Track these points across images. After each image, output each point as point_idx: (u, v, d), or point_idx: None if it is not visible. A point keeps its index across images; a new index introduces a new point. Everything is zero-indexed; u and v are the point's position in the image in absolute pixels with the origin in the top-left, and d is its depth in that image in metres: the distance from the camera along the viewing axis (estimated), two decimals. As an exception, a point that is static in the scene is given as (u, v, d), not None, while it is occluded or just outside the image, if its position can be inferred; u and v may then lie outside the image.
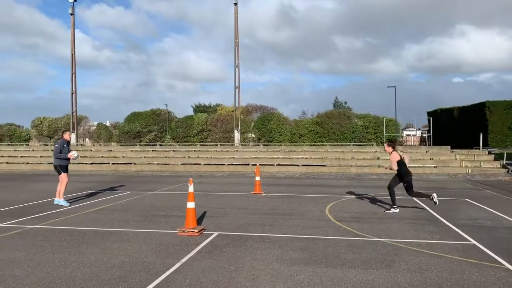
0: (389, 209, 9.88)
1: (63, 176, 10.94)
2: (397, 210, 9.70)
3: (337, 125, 33.37)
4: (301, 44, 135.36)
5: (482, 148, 25.28)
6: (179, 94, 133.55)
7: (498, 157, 22.81)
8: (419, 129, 50.25)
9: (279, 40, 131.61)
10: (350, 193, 13.32)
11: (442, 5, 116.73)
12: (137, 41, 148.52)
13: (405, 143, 38.16)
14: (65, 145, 10.96)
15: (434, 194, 9.75)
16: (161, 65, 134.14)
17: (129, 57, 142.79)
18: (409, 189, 9.91)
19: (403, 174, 9.86)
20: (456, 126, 39.40)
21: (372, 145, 29.66)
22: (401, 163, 9.84)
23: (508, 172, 20.01)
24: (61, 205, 10.64)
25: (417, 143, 39.01)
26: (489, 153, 24.09)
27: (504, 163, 21.51)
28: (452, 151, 24.31)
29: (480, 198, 12.13)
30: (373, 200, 11.71)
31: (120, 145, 33.73)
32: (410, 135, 44.87)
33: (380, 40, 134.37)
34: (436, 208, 10.19)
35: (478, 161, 22.30)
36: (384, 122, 32.32)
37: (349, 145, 29.19)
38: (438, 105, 51.49)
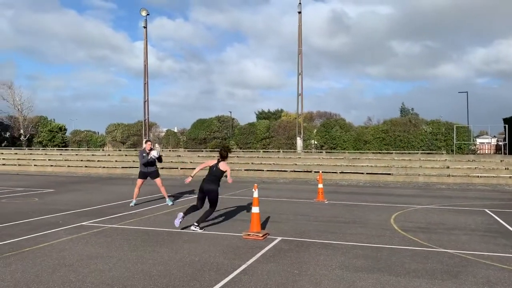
0: None
1: (138, 181, 11.95)
2: None
3: (404, 132, 32.35)
4: (356, 50, 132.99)
5: None
6: (239, 101, 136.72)
7: None
8: (494, 136, 47.20)
9: (334, 46, 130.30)
10: (417, 203, 12.97)
11: (506, 5, 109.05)
12: (197, 52, 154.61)
13: (478, 152, 36.05)
14: (144, 155, 11.83)
15: None
16: (220, 74, 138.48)
17: (190, 66, 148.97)
18: None
19: None
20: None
21: (442, 153, 28.39)
22: None
23: None
24: (131, 205, 11.71)
25: (492, 152, 36.69)
26: None
27: None
28: (530, 161, 22.70)
29: (561, 211, 11.30)
30: (441, 211, 11.34)
31: (188, 150, 35.15)
32: (484, 143, 42.26)
33: (441, 44, 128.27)
34: (509, 220, 9.68)
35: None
36: (455, 129, 30.82)
37: (417, 153, 28.18)
38: (515, 111, 48.08)
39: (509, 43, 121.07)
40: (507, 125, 32.84)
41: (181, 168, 25.92)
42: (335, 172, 23.22)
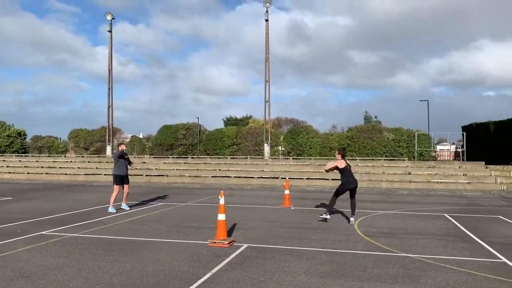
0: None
1: (115, 187, 11.71)
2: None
3: (367, 139, 33.10)
4: (317, 59, 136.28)
5: (519, 164, 24.49)
6: (205, 107, 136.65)
7: (536, 173, 22.08)
8: (453, 143, 49.08)
9: (295, 55, 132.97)
10: (380, 208, 13.26)
11: (457, 19, 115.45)
12: (160, 57, 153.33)
13: (438, 158, 37.34)
14: (120, 157, 11.63)
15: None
16: (184, 80, 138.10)
17: (153, 72, 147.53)
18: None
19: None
20: (492, 141, 38.29)
21: (404, 159, 29.23)
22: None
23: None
24: (109, 212, 11.43)
25: (451, 158, 38.11)
26: (527, 169, 23.33)
27: (543, 179, 20.81)
28: (486, 167, 23.69)
29: (514, 215, 11.84)
30: (403, 216, 11.64)
31: (153, 157, 34.62)
32: (444, 149, 43.84)
33: (397, 55, 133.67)
34: (466, 224, 10.06)
35: (514, 178, 21.67)
36: (416, 136, 31.82)
37: (380, 159, 28.88)
38: (469, 120, 50.24)
39: (461, 55, 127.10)
40: (465, 133, 34.24)
41: (146, 175, 25.48)
42: (302, 178, 23.45)
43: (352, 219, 10.30)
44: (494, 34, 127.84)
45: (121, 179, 11.89)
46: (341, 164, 10.35)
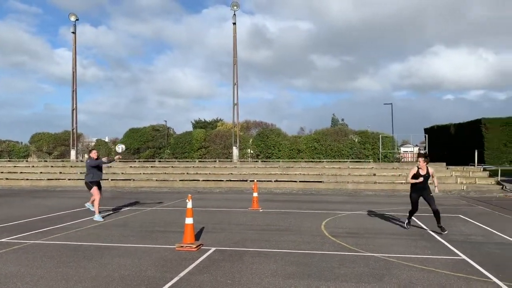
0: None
1: (95, 192, 11.25)
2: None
3: (334, 142, 33.67)
4: (280, 63, 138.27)
5: (477, 165, 25.53)
6: (172, 110, 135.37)
7: (493, 173, 23.06)
8: (417, 145, 50.63)
9: (259, 59, 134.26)
10: (346, 209, 13.51)
11: (414, 26, 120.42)
12: (122, 60, 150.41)
13: (402, 160, 38.41)
14: (94, 164, 11.24)
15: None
16: (149, 83, 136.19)
17: (116, 74, 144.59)
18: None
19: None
20: (453, 143, 39.76)
21: (369, 161, 29.89)
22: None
23: (502, 188, 20.24)
24: (96, 220, 10.96)
25: (414, 160, 39.26)
26: (484, 169, 24.35)
27: (499, 179, 21.75)
28: (447, 168, 24.55)
29: (473, 214, 12.33)
30: (369, 216, 11.91)
31: (120, 161, 33.90)
32: (407, 151, 45.17)
33: (358, 59, 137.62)
34: (429, 223, 10.40)
35: (473, 178, 22.55)
36: (381, 138, 32.63)
37: (346, 161, 29.43)
38: (431, 122, 51.99)
39: (419, 60, 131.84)
40: (427, 135, 35.38)
41: (112, 180, 24.95)
42: (270, 181, 23.58)
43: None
44: (448, 40, 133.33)
45: (98, 184, 11.45)
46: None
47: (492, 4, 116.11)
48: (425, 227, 10.07)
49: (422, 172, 9.45)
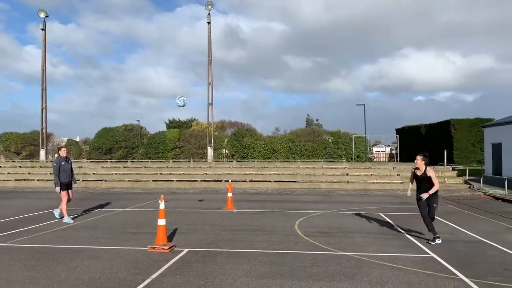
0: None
1: (62, 194, 10.85)
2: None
3: (308, 142, 33.98)
4: (254, 63, 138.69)
5: (447, 165, 26.23)
6: (144, 109, 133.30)
7: (462, 173, 23.74)
8: (388, 145, 51.64)
9: (232, 59, 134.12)
10: (320, 208, 13.64)
11: (383, 29, 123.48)
12: (93, 58, 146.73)
13: (374, 159, 39.10)
14: (63, 163, 10.85)
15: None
16: (120, 81, 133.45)
17: (87, 73, 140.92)
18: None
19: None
20: (423, 143, 40.73)
21: (342, 161, 30.29)
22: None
23: (470, 188, 20.86)
24: (65, 222, 10.61)
25: (386, 160, 40.07)
26: (453, 169, 25.03)
27: (467, 179, 22.40)
28: (418, 167, 25.14)
29: (442, 213, 12.64)
30: (341, 216, 12.06)
31: (91, 161, 33.23)
32: (379, 151, 46.03)
33: (331, 61, 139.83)
34: (399, 222, 10.62)
35: (442, 177, 23.13)
36: (353, 139, 33.14)
37: (320, 161, 29.73)
38: (403, 123, 53.16)
39: (389, 62, 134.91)
40: (398, 135, 36.12)
41: (83, 180, 24.40)
42: (245, 181, 23.56)
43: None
44: (417, 43, 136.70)
45: (66, 186, 11.05)
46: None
47: (459, 8, 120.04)
48: (395, 225, 10.27)
49: (419, 172, 8.40)
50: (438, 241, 8.10)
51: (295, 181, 23.32)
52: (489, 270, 6.27)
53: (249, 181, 23.61)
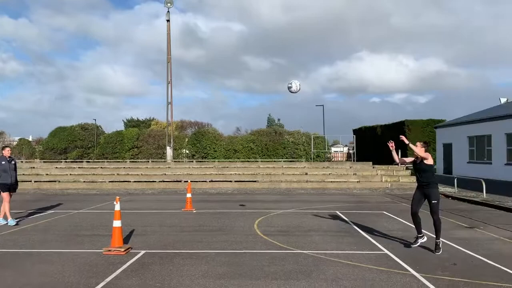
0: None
1: (3, 195, 10.30)
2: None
3: (269, 142, 34.22)
4: (213, 62, 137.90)
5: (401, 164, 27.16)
6: (101, 108, 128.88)
7: (415, 172, 24.69)
8: (346, 145, 52.85)
9: (191, 58, 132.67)
10: (279, 208, 13.77)
11: (339, 31, 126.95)
12: (46, 54, 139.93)
13: (333, 159, 39.92)
14: (3, 162, 10.32)
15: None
16: (76, 79, 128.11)
17: (39, 70, 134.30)
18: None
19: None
20: (379, 143, 41.98)
21: (302, 161, 30.72)
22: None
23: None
24: (10, 225, 10.10)
25: (344, 159, 41.00)
26: (407, 168, 25.94)
27: (420, 177, 23.33)
28: (373, 167, 25.88)
29: (396, 210, 13.10)
30: (300, 214, 12.22)
31: (44, 161, 31.94)
32: (337, 151, 47.04)
33: (289, 62, 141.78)
34: (355, 220, 10.89)
35: (396, 176, 23.96)
36: (312, 138, 33.70)
37: (280, 161, 30.02)
38: (359, 123, 54.62)
39: (346, 64, 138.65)
40: (355, 135, 37.06)
41: (35, 181, 23.41)
42: (205, 181, 23.41)
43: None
44: (372, 46, 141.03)
45: (7, 187, 10.52)
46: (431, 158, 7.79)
47: (409, 13, 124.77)
48: (352, 223, 10.52)
49: (418, 160, 7.86)
50: (421, 240, 7.73)
51: (255, 181, 23.41)
52: (439, 265, 6.55)
53: (210, 181, 23.48)
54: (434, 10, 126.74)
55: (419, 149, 7.71)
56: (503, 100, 31.15)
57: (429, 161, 7.71)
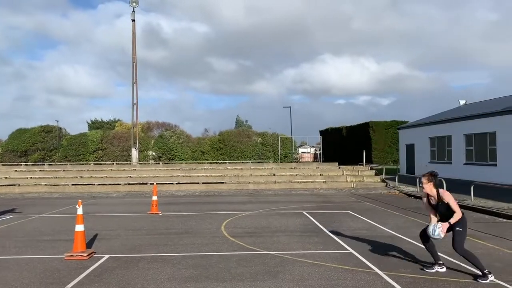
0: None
1: None
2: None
3: (237, 143, 34.20)
4: (178, 63, 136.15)
5: (366, 164, 27.76)
6: (63, 109, 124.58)
7: (379, 172, 25.26)
8: (313, 146, 53.52)
9: (155, 59, 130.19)
10: (247, 209, 13.78)
11: (302, 34, 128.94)
12: (3, 53, 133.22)
13: (300, 160, 40.33)
14: None
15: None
16: (35, 80, 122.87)
17: None
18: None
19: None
20: (345, 144, 42.82)
21: (269, 162, 30.88)
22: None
23: (386, 186, 22.27)
24: None
25: (311, 160, 41.49)
26: (371, 168, 26.55)
27: (384, 177, 23.88)
28: (339, 167, 26.32)
29: (360, 210, 13.38)
30: (267, 215, 12.27)
31: (2, 164, 30.67)
32: (304, 152, 47.55)
33: (254, 64, 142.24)
34: (321, 220, 11.04)
35: (361, 176, 24.45)
36: (279, 139, 33.95)
37: (248, 162, 30.05)
38: (326, 124, 55.53)
39: (310, 67, 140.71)
40: (322, 136, 37.61)
41: (-6, 185, 22.47)
42: (172, 183, 23.12)
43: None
44: (334, 49, 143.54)
45: None
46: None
47: (369, 17, 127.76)
48: (318, 223, 10.66)
49: (433, 200, 6.19)
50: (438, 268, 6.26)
51: (223, 183, 23.33)
52: (401, 263, 6.73)
53: (176, 183, 23.21)
54: (393, 14, 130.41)
55: (428, 187, 6.17)
56: (462, 102, 32.44)
57: (448, 198, 6.07)
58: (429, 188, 6.14)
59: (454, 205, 5.99)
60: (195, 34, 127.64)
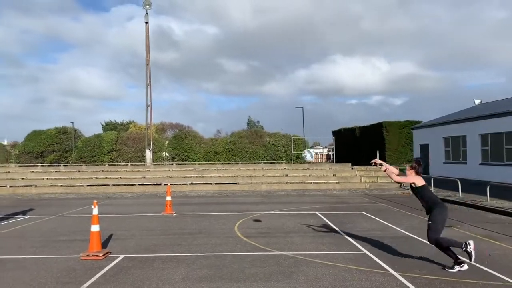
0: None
1: None
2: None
3: (250, 144, 34.24)
4: (189, 65, 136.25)
5: (380, 165, 27.54)
6: (77, 111, 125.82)
7: (393, 172, 25.07)
8: (326, 147, 53.27)
9: (167, 61, 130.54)
10: (259, 209, 13.78)
11: (312, 35, 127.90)
12: (16, 57, 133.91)
13: (312, 161, 40.17)
14: None
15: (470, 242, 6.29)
16: (49, 82, 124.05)
17: (11, 72, 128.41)
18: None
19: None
20: (358, 144, 42.55)
21: (282, 162, 30.83)
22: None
23: (400, 186, 22.07)
24: None
25: (324, 160, 41.33)
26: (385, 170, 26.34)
27: (398, 178, 23.70)
28: (353, 168, 26.16)
29: (374, 211, 13.28)
30: (280, 216, 12.26)
31: (19, 166, 31.21)
32: (317, 153, 47.37)
33: (265, 65, 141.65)
34: (335, 221, 11.00)
35: (375, 177, 24.27)
36: (292, 140, 33.88)
37: (260, 163, 30.06)
38: (339, 125, 55.20)
39: (321, 67, 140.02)
40: (334, 137, 37.41)
41: (11, 186, 22.85)
42: (185, 184, 23.25)
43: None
44: (344, 50, 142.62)
45: None
46: (419, 180, 6.65)
47: (379, 17, 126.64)
48: (331, 224, 10.62)
49: (419, 182, 6.68)
50: (459, 267, 6.21)
51: (235, 183, 23.37)
52: (416, 264, 6.67)
53: (190, 184, 23.33)
54: (403, 14, 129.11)
55: (409, 175, 6.67)
56: (477, 102, 31.97)
57: (418, 182, 6.58)
58: (410, 175, 6.67)
59: (405, 178, 6.73)
60: (205, 36, 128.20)
